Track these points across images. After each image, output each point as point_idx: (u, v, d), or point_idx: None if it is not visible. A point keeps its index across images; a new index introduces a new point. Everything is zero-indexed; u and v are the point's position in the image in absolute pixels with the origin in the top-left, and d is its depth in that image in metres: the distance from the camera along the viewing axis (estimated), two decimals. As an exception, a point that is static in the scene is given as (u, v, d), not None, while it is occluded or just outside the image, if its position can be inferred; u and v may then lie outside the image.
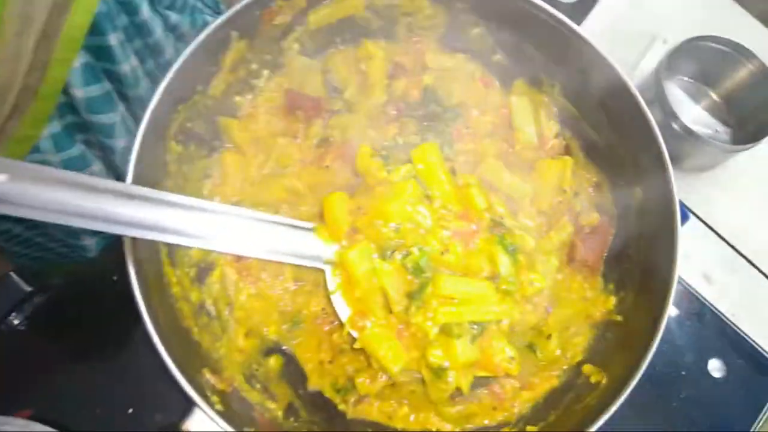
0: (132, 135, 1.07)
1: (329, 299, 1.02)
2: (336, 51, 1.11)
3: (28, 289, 1.15)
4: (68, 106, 0.98)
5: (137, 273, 0.81)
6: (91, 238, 1.25)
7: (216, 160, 1.04)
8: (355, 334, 0.95)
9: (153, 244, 0.92)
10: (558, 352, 1.00)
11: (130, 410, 1.07)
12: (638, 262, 1.01)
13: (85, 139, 1.07)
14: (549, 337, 1.00)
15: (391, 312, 0.96)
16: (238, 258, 1.01)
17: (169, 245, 0.94)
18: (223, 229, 0.88)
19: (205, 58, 0.94)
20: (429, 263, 0.95)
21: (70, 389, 1.09)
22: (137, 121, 1.13)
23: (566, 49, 1.03)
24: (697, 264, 1.45)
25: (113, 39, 0.93)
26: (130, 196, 0.80)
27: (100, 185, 0.78)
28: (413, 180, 0.98)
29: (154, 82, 1.15)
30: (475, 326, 0.94)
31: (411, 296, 0.94)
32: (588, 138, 1.10)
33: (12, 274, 1.16)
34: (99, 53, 0.94)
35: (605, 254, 1.06)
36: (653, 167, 0.97)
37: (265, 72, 1.07)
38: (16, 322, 1.12)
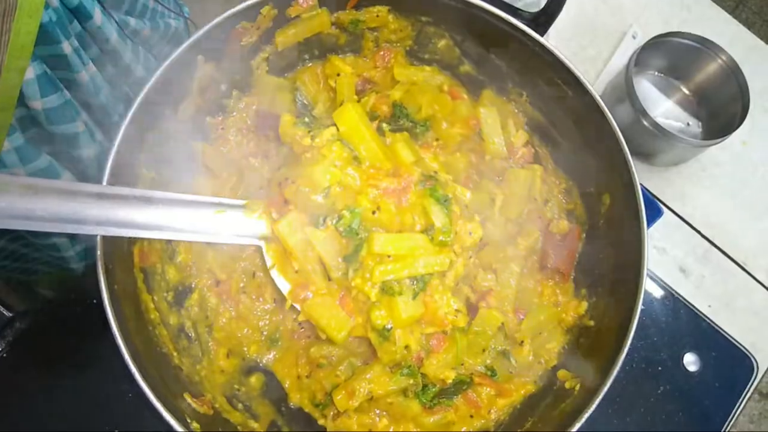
0: (98, 144, 1.08)
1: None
2: (304, 68, 1.12)
3: (9, 315, 1.16)
4: (29, 118, 0.98)
5: (112, 303, 0.82)
6: (71, 248, 1.25)
7: (188, 184, 1.04)
8: (298, 307, 0.96)
9: (129, 272, 0.93)
10: (531, 357, 1.02)
11: (116, 431, 1.09)
12: (609, 266, 1.03)
13: (52, 151, 1.07)
14: (522, 343, 1.02)
15: (330, 279, 0.96)
16: (218, 282, 1.02)
17: (144, 272, 0.95)
18: (159, 217, 0.89)
19: (171, 85, 0.94)
20: (362, 224, 0.94)
21: (54, 414, 1.10)
22: (102, 129, 1.13)
23: (530, 58, 1.04)
24: (672, 257, 1.48)
25: (67, 47, 0.92)
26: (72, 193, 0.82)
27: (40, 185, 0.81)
28: (338, 142, 0.96)
29: (115, 88, 1.15)
30: (416, 282, 0.94)
31: (347, 260, 0.94)
32: (557, 145, 1.12)
33: (-9, 301, 1.16)
34: (54, 62, 0.93)
35: (576, 260, 1.08)
36: (619, 171, 0.99)
37: (235, 92, 1.08)
38: (-1, 349, 1.13)
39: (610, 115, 0.98)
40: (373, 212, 0.94)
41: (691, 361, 1.27)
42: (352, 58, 1.13)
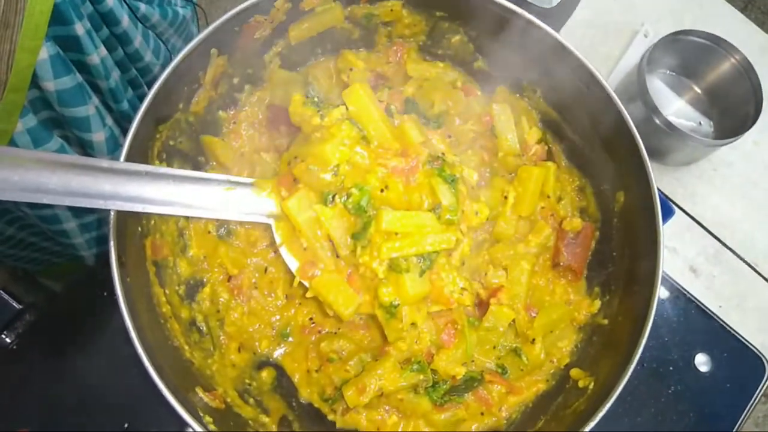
0: (107, 128, 1.09)
1: (318, 308, 1.03)
2: (317, 62, 1.11)
3: (18, 306, 1.15)
4: (42, 100, 0.99)
5: (125, 296, 0.82)
6: (80, 236, 1.26)
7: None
8: (306, 284, 0.96)
9: (141, 264, 0.93)
10: (543, 355, 1.02)
11: (126, 425, 1.08)
12: (622, 265, 1.03)
13: (63, 134, 1.07)
14: (533, 341, 1.01)
15: (338, 257, 0.96)
16: (229, 277, 1.02)
17: (156, 266, 0.95)
18: (169, 193, 0.89)
19: (184, 77, 0.94)
20: (370, 202, 0.94)
21: (65, 406, 1.09)
22: (112, 113, 1.13)
23: (546, 54, 1.03)
24: (683, 257, 1.47)
25: (79, 28, 0.93)
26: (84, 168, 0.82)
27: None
28: (347, 121, 0.96)
29: (125, 71, 1.15)
30: (422, 259, 0.95)
31: (355, 237, 0.94)
32: (571, 142, 1.11)
33: (1, 292, 1.16)
34: (66, 43, 0.94)
35: (589, 258, 1.08)
36: (634, 169, 0.98)
37: (247, 86, 1.07)
38: (8, 340, 1.12)
39: (625, 112, 0.97)
40: (381, 190, 0.94)
41: (702, 362, 1.26)
42: (365, 53, 1.13)
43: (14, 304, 1.16)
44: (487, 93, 1.14)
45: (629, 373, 0.87)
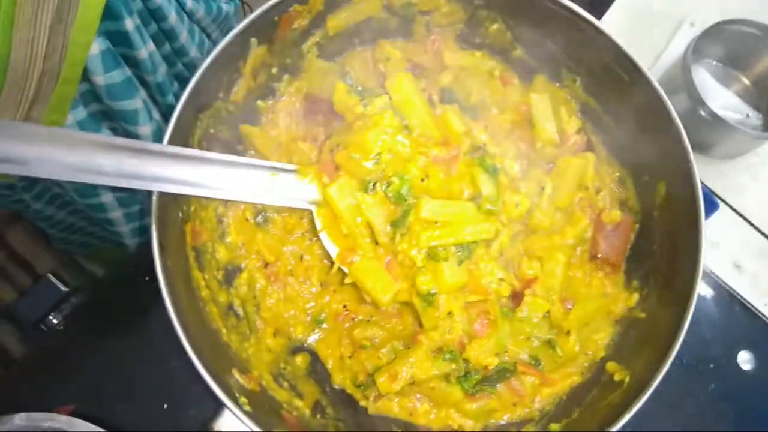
0: (154, 122, 1.11)
1: (352, 295, 1.04)
2: (354, 52, 1.12)
3: (65, 289, 1.20)
4: (92, 93, 1.02)
5: (166, 279, 0.84)
6: (125, 225, 1.30)
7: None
8: (345, 270, 0.98)
9: (181, 249, 0.95)
10: (578, 348, 1.01)
11: (165, 405, 1.11)
12: (662, 258, 1.00)
13: (112, 126, 1.10)
14: (568, 333, 1.00)
15: (377, 244, 0.97)
16: (266, 264, 1.04)
17: (196, 251, 0.97)
18: (214, 177, 0.92)
19: (225, 67, 0.95)
20: (410, 191, 0.95)
21: (108, 385, 1.13)
22: (158, 107, 1.16)
23: (586, 42, 1.02)
24: (727, 253, 1.43)
25: (129, 24, 0.95)
26: (122, 148, 0.84)
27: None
28: (390, 111, 0.97)
29: (171, 66, 1.18)
30: (461, 249, 0.95)
31: (395, 225, 0.95)
32: (610, 133, 1.09)
33: (50, 275, 1.21)
34: (116, 38, 0.96)
35: (628, 252, 1.06)
36: (677, 161, 0.96)
37: (285, 76, 1.09)
38: (55, 321, 1.17)
39: (668, 102, 0.95)
40: (422, 179, 0.95)
41: (745, 360, 1.23)
42: (402, 43, 1.12)
43: (61, 287, 1.21)
44: (525, 82, 1.13)
45: (665, 369, 0.85)
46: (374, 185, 0.96)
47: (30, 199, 1.22)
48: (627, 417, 0.84)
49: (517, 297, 1.01)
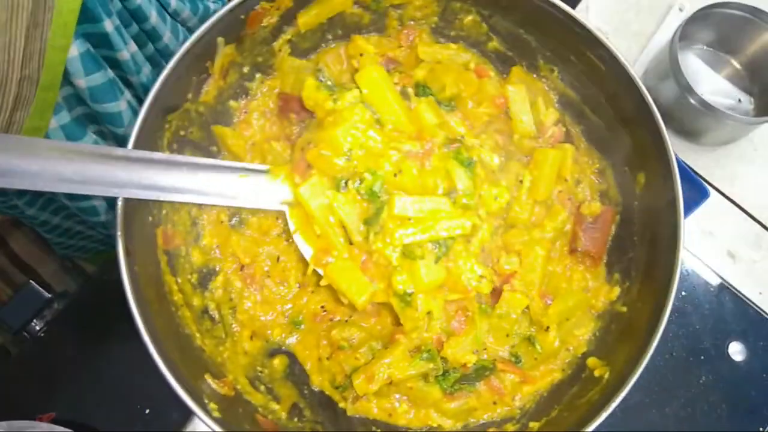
0: None
1: (330, 296, 1.03)
2: (327, 49, 1.10)
3: (48, 296, 1.20)
4: (75, 97, 1.01)
5: (132, 286, 0.83)
6: None
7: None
8: (320, 271, 0.96)
9: (152, 254, 0.94)
10: (557, 344, 0.99)
11: (147, 411, 1.11)
12: (642, 249, 0.99)
13: (98, 130, 1.09)
14: (548, 329, 0.98)
15: (352, 244, 0.95)
16: (242, 266, 1.03)
17: (168, 255, 0.96)
18: (182, 180, 0.90)
19: (191, 68, 0.94)
20: (383, 187, 0.93)
21: (90, 391, 1.14)
22: None
23: (561, 32, 1.00)
24: (721, 241, 1.41)
25: (109, 25, 0.94)
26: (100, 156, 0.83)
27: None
28: (360, 105, 0.95)
29: (156, 66, 1.17)
30: (438, 246, 0.93)
31: (368, 223, 0.93)
32: (590, 123, 1.07)
33: (32, 282, 1.21)
34: (96, 40, 0.95)
35: (609, 244, 1.04)
36: (655, 149, 0.94)
37: (258, 75, 1.07)
38: (37, 328, 1.17)
39: (642, 86, 0.93)
40: (395, 175, 0.93)
41: (737, 351, 1.21)
42: (376, 38, 1.10)
43: (44, 293, 1.21)
44: (501, 74, 1.11)
45: (644, 364, 0.84)
46: (346, 183, 0.94)
47: (23, 204, 1.22)
48: (604, 415, 0.82)
49: (495, 293, 1.00)
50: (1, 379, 1.17)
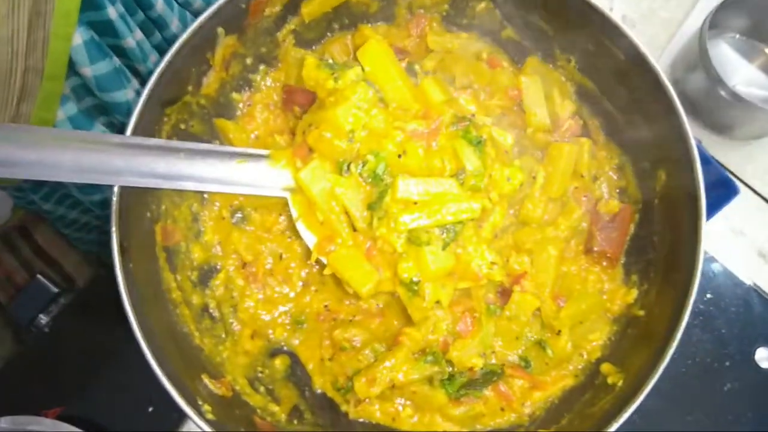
0: None
1: (333, 294, 1.00)
2: (333, 38, 1.06)
3: (55, 290, 1.19)
4: (84, 87, 0.99)
5: (126, 283, 0.81)
6: None
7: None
8: (324, 260, 0.91)
9: (150, 250, 0.92)
10: (570, 348, 0.94)
11: (150, 408, 1.10)
12: (663, 250, 0.93)
13: (108, 121, 1.08)
14: (559, 332, 0.93)
15: (356, 230, 0.91)
16: (244, 264, 1.00)
17: (167, 251, 0.94)
18: (180, 166, 0.87)
19: (191, 59, 0.91)
20: (387, 169, 0.88)
21: (95, 387, 1.12)
22: None
23: (578, 20, 0.94)
24: (751, 240, 1.33)
25: (112, 12, 0.92)
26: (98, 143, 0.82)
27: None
28: (362, 83, 0.90)
29: (163, 54, 1.15)
30: (445, 231, 0.88)
31: (372, 208, 0.88)
32: (609, 116, 1.02)
33: (39, 277, 1.20)
34: (100, 28, 0.93)
35: (627, 243, 0.98)
36: (676, 144, 0.89)
37: (261, 67, 1.04)
38: (43, 323, 1.16)
39: (663, 76, 0.87)
40: (399, 156, 0.87)
41: (764, 357, 1.14)
42: (384, 27, 1.07)
43: (51, 288, 1.21)
44: (515, 65, 1.06)
45: (660, 371, 0.79)
46: (349, 166, 0.89)
47: (39, 199, 1.21)
48: (616, 426, 0.78)
49: (505, 294, 0.95)
50: (7, 374, 1.17)
